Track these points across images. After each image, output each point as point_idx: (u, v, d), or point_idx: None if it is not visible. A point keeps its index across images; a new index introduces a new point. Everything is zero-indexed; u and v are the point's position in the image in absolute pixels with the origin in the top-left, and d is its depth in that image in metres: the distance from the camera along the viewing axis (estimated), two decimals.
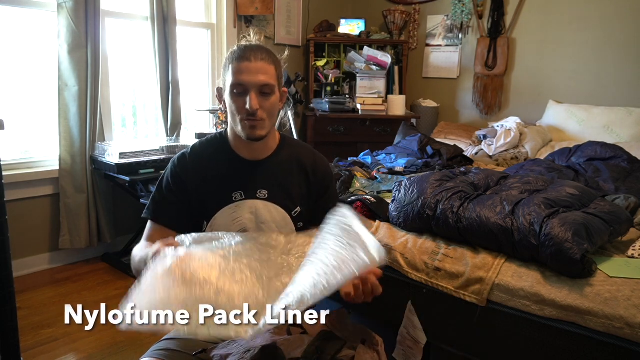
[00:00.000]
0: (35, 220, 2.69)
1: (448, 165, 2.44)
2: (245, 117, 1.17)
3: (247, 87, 1.15)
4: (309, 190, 1.31)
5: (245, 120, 1.17)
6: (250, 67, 1.15)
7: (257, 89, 1.16)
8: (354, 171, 2.29)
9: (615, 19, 3.24)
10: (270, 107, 1.19)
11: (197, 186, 1.24)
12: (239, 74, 1.15)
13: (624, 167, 2.23)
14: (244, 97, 1.16)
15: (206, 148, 1.29)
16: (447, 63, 4.05)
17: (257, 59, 1.16)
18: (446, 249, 1.48)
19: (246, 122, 1.18)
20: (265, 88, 1.17)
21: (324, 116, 3.61)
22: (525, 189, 1.57)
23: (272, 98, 1.20)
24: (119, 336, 2.08)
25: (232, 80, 1.16)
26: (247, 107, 1.15)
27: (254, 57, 1.16)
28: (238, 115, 1.18)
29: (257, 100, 1.16)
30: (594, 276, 1.26)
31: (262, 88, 1.17)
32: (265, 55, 1.19)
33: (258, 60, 1.16)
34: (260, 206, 1.25)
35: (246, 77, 1.15)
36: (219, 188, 1.25)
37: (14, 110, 2.64)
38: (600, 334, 1.18)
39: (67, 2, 2.51)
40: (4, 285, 1.27)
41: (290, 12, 3.93)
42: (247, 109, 1.15)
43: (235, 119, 1.20)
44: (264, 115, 1.18)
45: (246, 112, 1.16)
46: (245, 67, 1.15)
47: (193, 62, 3.44)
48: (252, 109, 1.15)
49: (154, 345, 1.19)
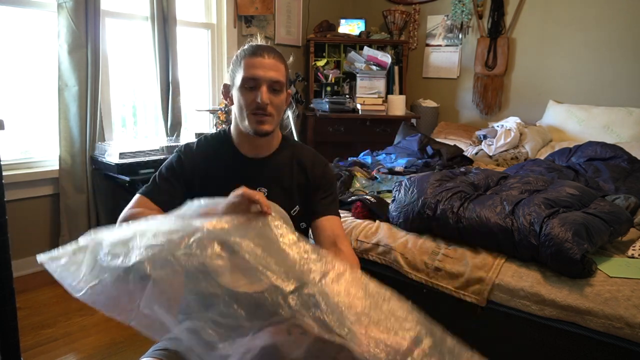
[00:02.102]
0: (35, 220, 2.69)
1: (448, 165, 2.44)
2: (254, 111, 1.18)
3: (259, 81, 1.17)
4: (308, 190, 1.31)
5: (254, 114, 1.19)
6: (264, 62, 1.18)
7: (269, 85, 1.18)
8: (354, 171, 2.29)
9: (615, 19, 3.24)
10: (278, 104, 1.22)
11: (201, 178, 1.26)
12: (252, 68, 1.17)
13: (624, 167, 2.23)
14: (255, 91, 1.18)
15: (211, 143, 1.31)
16: (447, 63, 4.05)
17: (270, 56, 1.19)
18: (446, 249, 1.48)
19: (254, 117, 1.19)
20: (276, 85, 1.19)
21: (324, 116, 3.61)
22: (525, 189, 1.57)
23: (281, 96, 1.22)
24: (118, 336, 2.08)
25: (244, 74, 1.18)
26: (257, 100, 1.17)
27: (267, 54, 1.19)
28: (247, 109, 1.19)
29: (267, 95, 1.17)
30: (594, 276, 1.26)
31: (273, 84, 1.19)
32: (278, 54, 1.22)
33: (271, 57, 1.19)
34: None
35: (259, 71, 1.17)
36: (220, 184, 1.24)
37: (14, 110, 2.63)
38: (600, 334, 1.18)
39: (67, 2, 2.51)
40: (4, 285, 1.27)
41: (290, 12, 3.93)
42: (258, 103, 1.17)
43: (243, 113, 1.20)
44: (273, 111, 1.20)
45: (256, 106, 1.18)
46: (259, 62, 1.18)
47: (193, 62, 3.44)
48: (263, 102, 1.16)
49: (153, 346, 1.19)
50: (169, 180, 1.26)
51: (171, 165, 1.27)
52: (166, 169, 1.28)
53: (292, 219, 1.29)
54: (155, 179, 1.28)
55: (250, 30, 3.64)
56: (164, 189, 1.25)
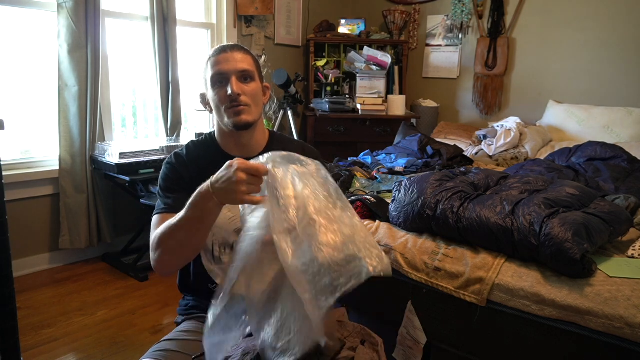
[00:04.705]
0: (35, 220, 2.69)
1: (448, 165, 2.44)
2: (229, 105, 1.18)
3: (227, 74, 1.17)
4: None
5: (230, 108, 1.18)
6: (227, 56, 1.18)
7: (237, 75, 1.18)
8: (354, 171, 2.29)
9: (615, 19, 3.24)
10: (252, 93, 1.20)
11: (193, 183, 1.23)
12: (217, 64, 1.18)
13: (624, 167, 2.23)
14: (226, 86, 1.17)
15: (199, 149, 1.29)
16: (447, 63, 4.05)
17: (234, 50, 1.20)
18: (446, 249, 1.48)
19: (231, 110, 1.18)
20: (245, 73, 1.19)
21: (324, 116, 3.61)
22: (525, 189, 1.57)
23: (253, 84, 1.21)
24: (118, 336, 2.08)
25: (212, 72, 1.18)
26: (229, 92, 1.16)
27: (230, 49, 1.20)
28: (222, 105, 1.19)
29: (238, 84, 1.17)
30: (594, 276, 1.26)
31: (242, 74, 1.19)
32: (242, 48, 1.23)
33: (235, 51, 1.20)
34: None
35: (224, 65, 1.17)
36: None
37: (14, 110, 2.64)
38: (600, 334, 1.17)
39: (67, 2, 2.51)
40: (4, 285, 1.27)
41: (290, 12, 3.93)
42: (230, 95, 1.16)
43: (220, 110, 1.20)
44: (248, 100, 1.19)
45: (229, 99, 1.17)
46: (223, 58, 1.18)
47: (193, 62, 3.44)
48: (234, 93, 1.16)
49: (153, 346, 1.19)
50: (172, 188, 1.23)
51: (167, 177, 1.24)
52: (164, 181, 1.25)
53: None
54: (161, 194, 1.24)
55: (250, 30, 3.64)
56: (174, 198, 1.20)
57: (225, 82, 1.18)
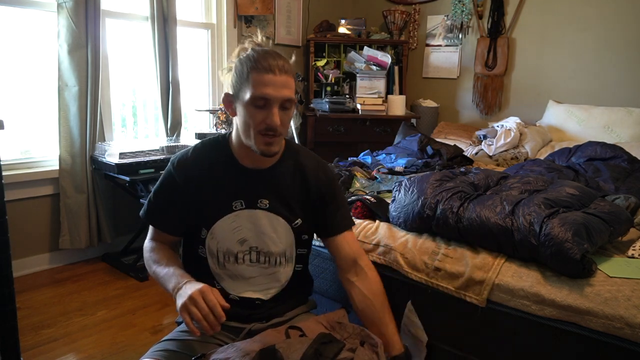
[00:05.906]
0: (35, 220, 2.69)
1: (448, 165, 2.44)
2: (263, 132, 1.11)
3: (270, 101, 1.09)
4: (310, 201, 1.28)
5: (263, 135, 1.12)
6: (275, 80, 1.09)
7: (280, 104, 1.11)
8: (354, 171, 2.28)
9: (615, 19, 3.24)
10: (288, 121, 1.15)
11: (197, 190, 1.21)
12: (262, 86, 1.08)
13: (624, 167, 2.23)
14: (264, 110, 1.10)
15: (209, 151, 1.25)
16: (447, 63, 4.05)
17: (282, 72, 1.10)
18: (446, 249, 1.48)
19: (262, 137, 1.12)
20: (287, 103, 1.12)
21: (324, 116, 3.61)
22: (525, 189, 1.57)
23: (291, 112, 1.16)
24: (118, 336, 2.08)
25: (254, 93, 1.09)
26: (267, 121, 1.10)
27: (278, 70, 1.09)
28: (255, 128, 1.12)
29: (278, 114, 1.10)
30: (594, 276, 1.26)
31: (285, 103, 1.12)
32: (287, 67, 1.12)
33: (282, 74, 1.10)
34: (261, 216, 1.22)
35: (271, 91, 1.08)
36: (219, 196, 1.21)
37: (14, 110, 2.64)
38: (600, 334, 1.17)
39: (67, 2, 2.51)
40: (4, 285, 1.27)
41: (290, 12, 3.93)
42: (268, 124, 1.10)
43: (250, 131, 1.13)
44: (283, 131, 1.14)
45: (266, 127, 1.10)
46: (270, 80, 1.08)
47: (193, 62, 3.44)
48: (274, 124, 1.10)
49: (153, 346, 1.19)
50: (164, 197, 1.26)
51: (162, 184, 1.25)
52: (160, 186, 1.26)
53: (293, 232, 1.26)
54: (152, 195, 1.27)
55: (250, 30, 3.64)
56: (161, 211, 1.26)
57: (265, 107, 1.10)
